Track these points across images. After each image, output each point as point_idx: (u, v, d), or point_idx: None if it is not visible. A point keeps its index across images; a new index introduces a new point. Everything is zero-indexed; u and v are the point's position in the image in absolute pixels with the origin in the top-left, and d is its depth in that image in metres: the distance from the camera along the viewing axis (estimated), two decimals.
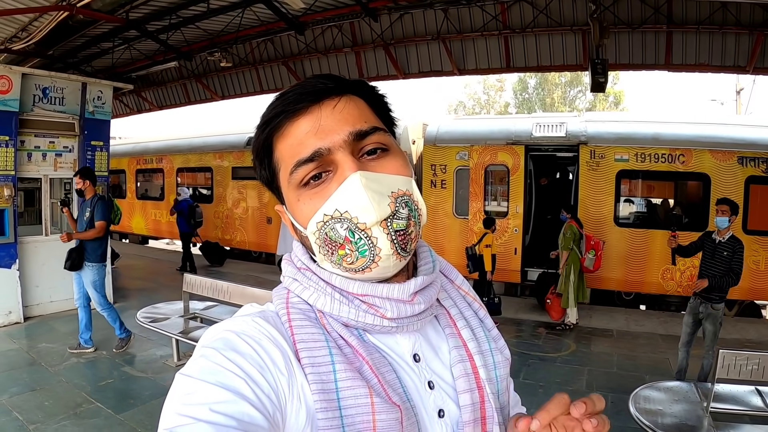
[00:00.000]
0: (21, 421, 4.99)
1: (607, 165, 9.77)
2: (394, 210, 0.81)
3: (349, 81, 0.90)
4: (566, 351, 7.42)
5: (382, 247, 0.81)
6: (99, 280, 6.86)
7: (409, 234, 0.84)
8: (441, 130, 11.48)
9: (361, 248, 0.81)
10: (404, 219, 0.82)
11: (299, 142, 0.83)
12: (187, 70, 13.69)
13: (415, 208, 0.85)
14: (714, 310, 5.56)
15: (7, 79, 7.83)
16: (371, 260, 0.82)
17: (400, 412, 0.78)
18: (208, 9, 9.49)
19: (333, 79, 0.87)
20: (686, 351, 5.85)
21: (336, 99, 0.85)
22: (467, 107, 41.56)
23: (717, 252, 5.58)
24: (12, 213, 8.06)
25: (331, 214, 0.81)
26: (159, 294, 10.11)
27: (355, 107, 0.87)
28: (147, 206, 17.34)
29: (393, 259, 0.82)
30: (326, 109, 0.84)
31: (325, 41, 11.27)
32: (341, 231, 0.81)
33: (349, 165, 0.81)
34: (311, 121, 0.83)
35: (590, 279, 9.93)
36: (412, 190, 0.86)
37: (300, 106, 0.84)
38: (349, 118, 0.84)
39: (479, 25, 9.75)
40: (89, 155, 9.14)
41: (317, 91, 0.84)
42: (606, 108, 34.56)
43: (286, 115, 0.84)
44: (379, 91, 0.95)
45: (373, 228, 0.80)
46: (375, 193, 0.80)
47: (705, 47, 8.61)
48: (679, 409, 4.43)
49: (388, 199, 0.81)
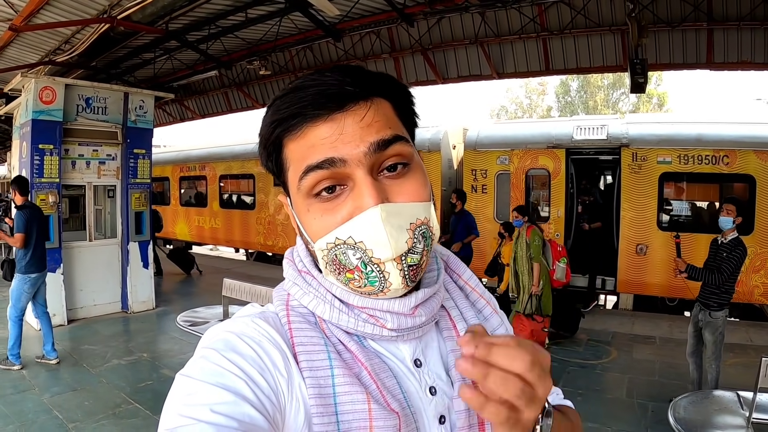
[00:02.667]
0: (61, 419, 5.15)
1: (649, 167, 9.54)
2: (411, 246, 0.77)
3: (377, 79, 0.82)
4: (607, 358, 7.25)
5: (393, 282, 0.78)
6: (17, 290, 6.62)
7: (421, 266, 0.80)
8: (481, 135, 11.43)
9: (371, 279, 0.78)
10: (419, 253, 0.79)
11: (312, 144, 0.77)
12: (228, 79, 13.90)
13: (429, 236, 0.81)
14: (712, 319, 5.26)
15: (51, 90, 8.10)
16: (380, 290, 0.79)
17: (398, 418, 0.76)
18: (246, 18, 9.64)
19: (359, 76, 0.80)
20: (694, 361, 5.59)
21: (363, 107, 0.78)
22: (509, 111, 41.35)
23: (718, 253, 5.33)
24: (57, 219, 8.30)
25: (344, 240, 0.77)
26: (200, 299, 10.31)
27: (381, 114, 0.80)
28: (190, 213, 17.71)
29: (401, 290, 0.80)
30: (351, 118, 0.77)
31: (363, 48, 11.32)
32: (353, 259, 0.78)
33: (369, 191, 0.76)
34: (332, 128, 0.76)
35: (632, 285, 9.74)
36: (430, 216, 0.82)
37: (321, 112, 0.76)
38: (373, 127, 0.78)
39: (517, 28, 9.65)
40: (132, 163, 9.37)
41: (342, 95, 0.77)
42: (650, 110, 33.91)
43: (305, 119, 0.77)
44: (406, 89, 0.88)
45: (387, 263, 0.77)
46: (394, 229, 0.76)
47: (747, 44, 8.29)
48: (720, 419, 4.28)
49: (406, 235, 0.77)
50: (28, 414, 5.25)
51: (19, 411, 5.31)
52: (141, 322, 8.85)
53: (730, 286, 5.27)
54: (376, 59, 11.51)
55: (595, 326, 8.73)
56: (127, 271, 9.36)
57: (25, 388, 5.94)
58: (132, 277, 9.40)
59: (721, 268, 5.17)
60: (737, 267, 5.19)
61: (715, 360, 5.26)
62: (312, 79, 0.79)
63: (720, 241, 5.40)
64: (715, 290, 5.28)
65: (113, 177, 9.26)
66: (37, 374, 6.38)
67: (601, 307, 10.98)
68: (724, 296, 5.26)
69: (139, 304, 9.47)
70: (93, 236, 9.16)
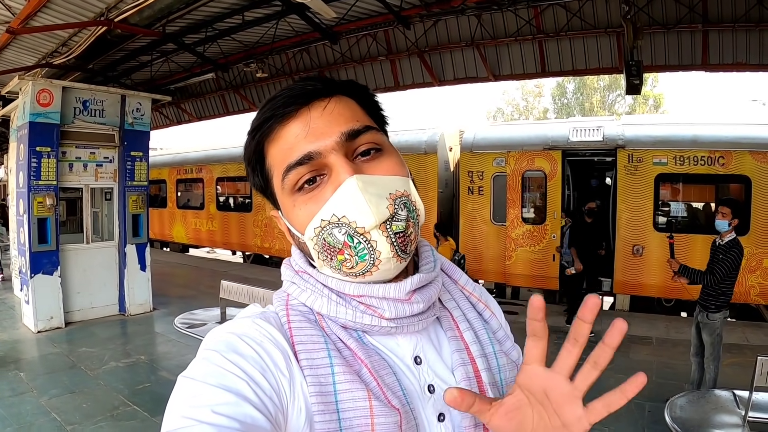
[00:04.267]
0: (59, 422, 5.15)
1: (645, 169, 9.56)
2: (393, 212, 0.80)
3: (338, 82, 0.89)
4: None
5: (382, 251, 0.80)
6: None
7: (409, 235, 0.82)
8: (477, 137, 11.44)
9: (360, 252, 0.80)
10: (403, 221, 0.81)
11: (290, 146, 0.82)
12: (225, 82, 13.90)
13: (413, 209, 0.84)
14: (709, 321, 5.29)
15: (48, 93, 8.10)
16: (371, 264, 0.81)
17: (399, 415, 0.76)
18: (243, 21, 9.62)
19: (322, 80, 0.86)
20: (696, 362, 5.61)
21: (325, 100, 0.84)
22: (506, 113, 41.40)
23: (715, 255, 5.34)
24: (54, 222, 8.30)
25: (328, 219, 0.80)
26: (197, 301, 10.30)
27: (345, 107, 0.85)
28: (187, 215, 17.70)
29: (393, 262, 0.81)
30: (316, 111, 0.83)
31: (360, 50, 11.32)
32: (340, 236, 0.80)
33: (344, 168, 0.80)
34: (301, 124, 0.82)
35: (629, 286, 9.76)
36: (410, 190, 0.85)
37: (289, 109, 0.82)
38: (339, 118, 0.83)
39: (513, 30, 9.65)
40: (129, 166, 9.38)
41: (306, 94, 0.83)
42: (646, 111, 33.96)
43: (276, 119, 0.83)
44: (368, 90, 0.93)
45: (372, 232, 0.79)
46: (373, 196, 0.79)
47: (742, 46, 8.30)
48: (716, 418, 4.30)
49: (386, 202, 0.80)
50: (26, 416, 5.24)
51: (17, 413, 5.30)
52: (138, 324, 8.84)
53: (727, 288, 5.27)
54: (372, 62, 11.51)
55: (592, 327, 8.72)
56: (124, 274, 9.35)
57: (23, 390, 5.93)
58: (129, 279, 9.38)
59: (713, 270, 5.20)
60: (732, 268, 5.18)
61: (714, 361, 5.28)
62: (284, 89, 0.86)
63: (717, 242, 5.42)
64: (712, 292, 5.30)
65: (110, 179, 9.26)
66: (35, 377, 6.38)
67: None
68: (722, 298, 5.27)
69: (137, 307, 9.45)
70: (90, 239, 9.14)
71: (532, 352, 0.71)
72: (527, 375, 0.71)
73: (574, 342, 0.69)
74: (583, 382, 0.68)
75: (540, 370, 0.70)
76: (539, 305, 0.69)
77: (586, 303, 0.67)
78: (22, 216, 8.40)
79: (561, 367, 0.69)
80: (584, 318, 0.67)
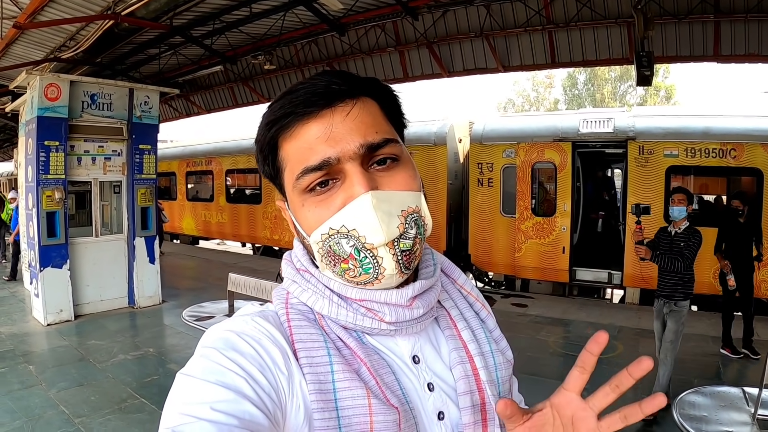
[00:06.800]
0: (67, 414, 5.20)
1: (656, 161, 9.47)
2: (402, 231, 0.80)
3: (362, 80, 0.86)
4: (613, 353, 7.22)
5: (387, 267, 0.80)
6: None
7: (414, 252, 0.82)
8: (487, 128, 11.38)
9: (365, 266, 0.80)
10: (411, 239, 0.81)
11: (309, 146, 0.81)
12: (233, 74, 13.93)
13: (422, 225, 0.84)
14: (678, 308, 5.19)
15: (56, 87, 8.11)
16: (374, 277, 0.81)
17: (397, 413, 0.77)
18: (250, 13, 9.63)
19: (346, 78, 0.84)
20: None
21: (349, 104, 0.82)
22: (516, 105, 41.28)
23: (674, 244, 5.24)
24: (63, 215, 8.36)
25: (337, 229, 0.80)
26: (207, 293, 10.36)
27: (368, 114, 0.83)
28: (197, 207, 17.78)
29: (396, 277, 0.82)
30: (339, 114, 0.81)
31: (368, 41, 11.30)
32: (347, 247, 0.80)
33: (359, 181, 0.79)
34: (322, 126, 0.80)
35: (639, 279, 9.70)
36: (421, 205, 0.84)
37: (311, 109, 0.80)
38: (361, 126, 0.81)
39: (522, 21, 9.59)
40: (137, 159, 9.40)
41: (330, 94, 0.81)
42: (657, 103, 33.72)
43: (296, 117, 0.81)
44: (392, 91, 0.91)
45: (380, 248, 0.79)
46: (385, 214, 0.78)
47: (755, 36, 8.19)
48: (725, 415, 4.25)
49: (397, 220, 0.80)
50: (35, 409, 5.30)
51: (26, 406, 5.36)
52: (147, 317, 8.89)
53: (691, 276, 5.22)
54: (381, 53, 11.50)
55: (602, 320, 8.70)
56: (133, 267, 9.40)
57: (32, 383, 5.98)
58: (138, 272, 9.43)
59: (684, 254, 5.10)
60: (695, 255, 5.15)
61: (672, 351, 5.11)
62: (303, 82, 0.83)
63: (673, 231, 5.33)
64: (678, 282, 5.22)
65: (119, 173, 9.29)
66: (44, 369, 6.44)
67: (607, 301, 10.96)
68: (688, 285, 5.22)
69: (146, 299, 9.52)
70: (99, 232, 9.20)
71: (575, 382, 0.74)
72: (564, 399, 0.75)
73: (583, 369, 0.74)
74: (608, 428, 0.72)
75: (576, 400, 0.74)
76: (602, 342, 0.72)
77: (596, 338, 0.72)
78: (31, 210, 8.45)
79: (594, 404, 0.73)
80: (592, 351, 0.72)
